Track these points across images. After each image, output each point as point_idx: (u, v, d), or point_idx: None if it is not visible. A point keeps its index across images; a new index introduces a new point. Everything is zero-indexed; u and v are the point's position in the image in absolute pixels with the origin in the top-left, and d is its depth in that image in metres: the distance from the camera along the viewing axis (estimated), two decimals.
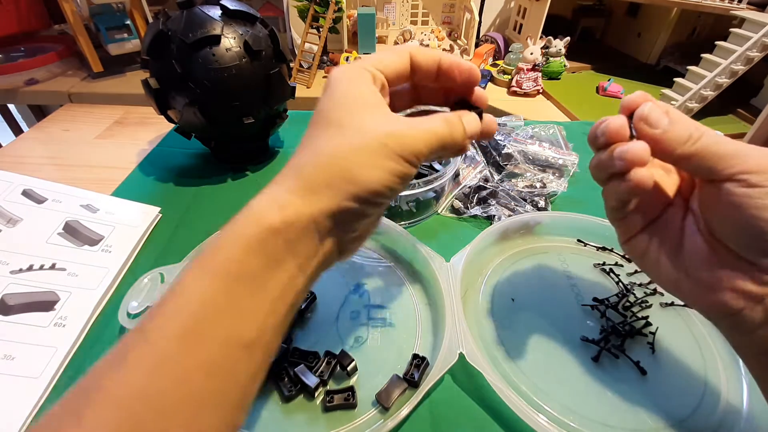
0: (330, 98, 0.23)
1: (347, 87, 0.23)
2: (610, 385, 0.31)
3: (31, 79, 1.01)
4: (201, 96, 0.46)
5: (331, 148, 0.21)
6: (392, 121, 0.22)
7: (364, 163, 0.21)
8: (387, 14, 1.33)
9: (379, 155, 0.21)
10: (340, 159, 0.21)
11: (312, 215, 0.20)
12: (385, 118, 0.22)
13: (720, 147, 0.21)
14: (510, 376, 0.32)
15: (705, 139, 0.21)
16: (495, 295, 0.38)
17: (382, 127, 0.21)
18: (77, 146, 0.62)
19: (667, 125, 0.22)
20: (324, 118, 0.22)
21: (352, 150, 0.21)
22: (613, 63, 1.24)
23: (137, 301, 0.34)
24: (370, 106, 0.22)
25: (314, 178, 0.21)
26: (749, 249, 0.21)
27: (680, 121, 0.22)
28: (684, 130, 0.21)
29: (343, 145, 0.21)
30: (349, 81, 0.23)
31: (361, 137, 0.21)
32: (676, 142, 0.21)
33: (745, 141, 0.65)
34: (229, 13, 0.46)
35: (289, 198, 0.20)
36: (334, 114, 0.22)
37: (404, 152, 0.21)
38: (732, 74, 0.82)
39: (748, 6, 0.90)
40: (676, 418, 0.29)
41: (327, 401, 0.29)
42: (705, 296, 0.24)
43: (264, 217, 0.20)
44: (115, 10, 1.02)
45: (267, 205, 0.20)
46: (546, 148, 0.54)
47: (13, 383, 0.31)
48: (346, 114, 0.22)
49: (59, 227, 0.41)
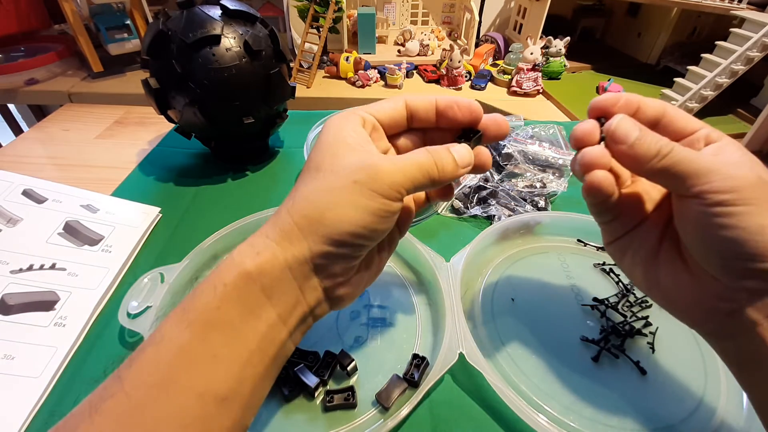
0: (318, 144, 0.23)
1: (334, 132, 0.22)
2: (610, 385, 0.31)
3: (31, 79, 1.01)
4: (201, 96, 0.46)
5: (307, 191, 0.21)
6: (367, 157, 0.21)
7: (335, 203, 0.20)
8: (387, 14, 1.33)
9: (351, 193, 0.20)
10: (312, 201, 0.20)
11: (286, 261, 0.20)
12: (362, 155, 0.21)
13: (689, 164, 0.20)
14: (510, 376, 0.32)
15: (674, 155, 0.20)
16: (495, 295, 0.38)
17: (357, 165, 0.21)
18: (77, 146, 0.62)
19: (635, 140, 0.21)
20: (308, 163, 0.22)
21: (324, 190, 0.20)
22: (613, 63, 1.24)
23: (137, 301, 0.34)
24: (350, 147, 0.22)
25: (288, 222, 0.20)
26: (715, 267, 0.21)
27: (648, 136, 0.21)
28: (653, 144, 0.21)
29: (317, 187, 0.21)
30: (337, 126, 0.23)
31: (334, 177, 0.20)
32: (644, 157, 0.21)
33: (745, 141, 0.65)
34: (229, 13, 0.46)
35: (266, 243, 0.20)
36: (317, 158, 0.22)
37: (379, 187, 0.20)
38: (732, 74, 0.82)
39: (748, 6, 0.90)
40: (676, 418, 0.29)
41: (327, 401, 0.29)
42: (675, 306, 0.24)
43: (240, 263, 0.20)
44: (115, 10, 1.02)
45: (245, 252, 0.20)
46: (546, 148, 0.54)
47: (13, 383, 0.31)
48: (327, 157, 0.21)
49: (59, 227, 0.41)
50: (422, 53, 1.19)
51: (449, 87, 1.09)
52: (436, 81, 1.13)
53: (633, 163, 0.22)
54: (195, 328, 0.18)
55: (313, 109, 0.72)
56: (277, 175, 0.56)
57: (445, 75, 1.10)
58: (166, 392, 0.17)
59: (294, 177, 0.55)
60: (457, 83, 1.08)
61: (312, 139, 0.48)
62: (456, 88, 1.09)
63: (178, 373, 0.18)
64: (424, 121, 0.26)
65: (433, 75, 1.12)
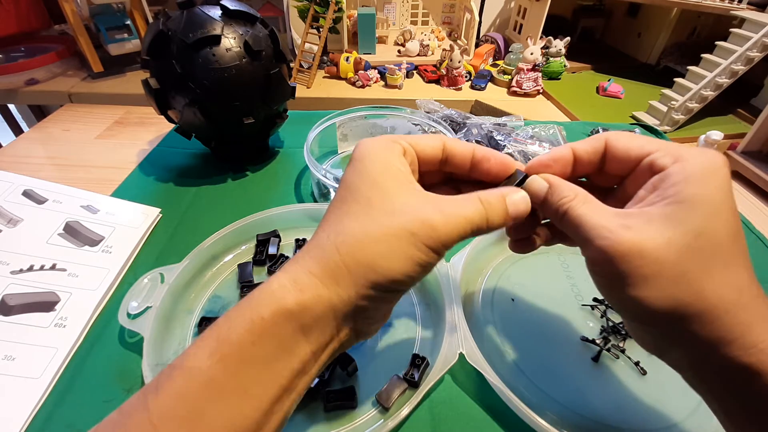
0: (358, 171, 0.21)
1: (376, 159, 0.21)
2: (610, 385, 0.31)
3: (31, 79, 1.01)
4: (201, 96, 0.46)
5: (358, 231, 0.20)
6: (423, 204, 0.20)
7: (389, 251, 0.19)
8: (387, 14, 1.33)
9: (407, 244, 0.19)
10: (365, 245, 0.19)
11: (331, 302, 0.19)
12: (416, 199, 0.21)
13: (582, 222, 0.20)
14: (510, 376, 0.32)
15: (570, 211, 0.21)
16: (495, 295, 0.38)
17: (413, 213, 0.20)
18: (77, 146, 0.62)
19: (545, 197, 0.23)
20: (352, 192, 0.21)
21: (379, 236, 0.19)
22: (613, 63, 1.24)
23: (137, 301, 0.34)
24: (399, 182, 0.21)
25: (337, 262, 0.19)
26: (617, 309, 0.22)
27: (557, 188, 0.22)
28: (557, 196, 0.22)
29: (370, 229, 0.20)
30: (378, 153, 0.22)
31: (389, 222, 0.20)
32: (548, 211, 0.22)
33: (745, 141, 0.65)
34: (229, 13, 0.46)
35: (310, 281, 0.19)
36: (362, 189, 0.21)
37: (433, 243, 0.20)
38: (732, 74, 0.82)
39: (748, 6, 0.90)
40: (676, 418, 0.29)
41: (327, 401, 0.29)
42: None
43: (281, 298, 0.19)
44: (115, 10, 1.02)
45: (286, 285, 0.19)
46: (546, 148, 0.54)
47: (13, 384, 0.31)
48: (375, 191, 0.20)
49: (60, 228, 0.41)
50: (422, 53, 1.19)
51: (449, 87, 1.09)
52: (436, 81, 1.13)
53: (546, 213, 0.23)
54: (228, 362, 0.18)
55: (313, 109, 0.72)
56: (277, 175, 0.56)
57: (445, 75, 1.10)
58: (194, 428, 0.17)
59: (294, 177, 0.55)
60: (457, 83, 1.08)
61: (312, 139, 0.48)
62: (456, 89, 1.09)
63: (207, 406, 0.17)
64: (457, 168, 0.24)
65: (433, 75, 1.12)
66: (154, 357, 0.31)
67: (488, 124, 0.61)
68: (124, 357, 0.33)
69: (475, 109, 1.03)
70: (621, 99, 1.03)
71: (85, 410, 0.30)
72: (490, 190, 0.23)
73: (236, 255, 0.41)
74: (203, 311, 0.36)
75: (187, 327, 0.35)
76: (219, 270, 0.40)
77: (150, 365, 0.29)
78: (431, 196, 0.21)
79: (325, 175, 0.44)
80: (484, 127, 0.59)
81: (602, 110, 0.98)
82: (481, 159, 0.24)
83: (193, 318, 0.36)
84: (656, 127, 0.73)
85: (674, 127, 0.84)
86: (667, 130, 0.84)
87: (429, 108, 0.65)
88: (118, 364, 0.33)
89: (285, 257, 0.41)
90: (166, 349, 0.33)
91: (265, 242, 0.42)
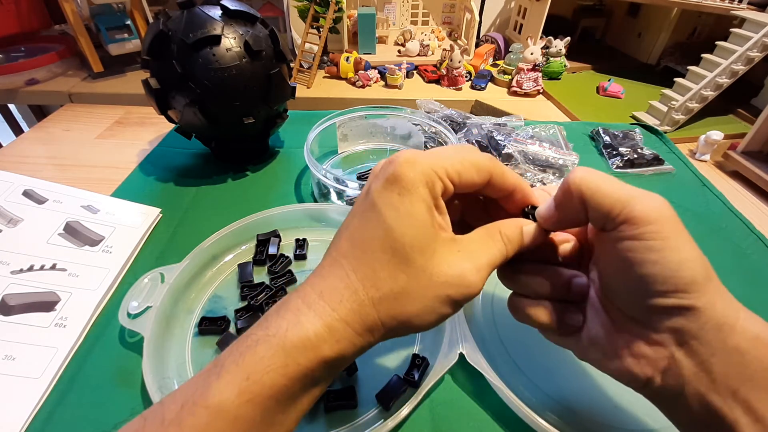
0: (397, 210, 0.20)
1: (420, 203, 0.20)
2: (610, 385, 0.31)
3: (31, 79, 1.01)
4: (201, 96, 0.46)
5: (397, 291, 0.20)
6: (458, 261, 0.21)
7: (425, 312, 0.21)
8: (387, 14, 1.33)
9: (441, 305, 0.21)
10: (404, 306, 0.20)
11: (362, 347, 0.21)
12: (451, 253, 0.21)
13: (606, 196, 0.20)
14: (510, 376, 0.32)
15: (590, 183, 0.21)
16: (495, 295, 0.38)
17: (447, 274, 0.21)
18: (77, 146, 0.62)
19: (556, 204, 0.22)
20: (390, 238, 0.20)
21: (417, 299, 0.20)
22: (614, 63, 1.24)
23: (137, 301, 0.34)
24: (436, 240, 0.21)
25: (375, 319, 0.20)
26: (635, 306, 0.21)
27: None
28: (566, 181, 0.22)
29: (409, 289, 0.20)
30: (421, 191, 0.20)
31: (426, 283, 0.20)
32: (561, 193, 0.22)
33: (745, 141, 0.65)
34: (230, 13, 0.46)
35: (346, 332, 0.20)
36: (402, 240, 0.20)
37: (463, 300, 0.21)
38: (732, 74, 0.82)
39: (748, 6, 0.90)
40: None
41: (327, 401, 0.29)
42: (611, 364, 0.22)
43: (318, 347, 0.19)
44: (115, 10, 1.02)
45: (323, 335, 0.19)
46: (546, 148, 0.54)
47: (13, 384, 0.31)
48: (415, 246, 0.20)
49: (60, 228, 0.41)
50: (422, 53, 1.19)
51: (449, 87, 1.09)
52: (436, 81, 1.13)
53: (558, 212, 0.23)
54: (257, 401, 0.18)
55: (313, 109, 0.72)
56: (277, 175, 0.56)
57: (445, 75, 1.10)
58: None
59: (294, 177, 0.55)
60: (458, 83, 1.08)
61: (312, 139, 0.48)
62: (456, 89, 1.09)
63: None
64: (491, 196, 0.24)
65: (434, 75, 1.12)
66: (154, 357, 0.31)
67: (488, 124, 0.61)
68: (124, 357, 0.33)
69: (475, 109, 1.03)
70: (621, 99, 1.03)
71: (85, 410, 0.30)
72: (508, 224, 0.23)
73: (236, 255, 0.41)
74: (203, 311, 0.36)
75: (188, 327, 0.35)
76: (219, 270, 0.40)
77: (150, 365, 0.29)
78: (461, 244, 0.22)
79: (326, 175, 0.44)
80: (484, 127, 0.59)
81: (602, 110, 0.98)
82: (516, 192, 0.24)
83: (193, 318, 0.36)
84: (656, 127, 0.73)
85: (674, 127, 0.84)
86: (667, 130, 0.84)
87: (429, 108, 0.65)
88: (118, 364, 0.33)
89: (285, 257, 0.41)
90: (167, 349, 0.33)
91: (265, 242, 0.42)
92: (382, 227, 0.20)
